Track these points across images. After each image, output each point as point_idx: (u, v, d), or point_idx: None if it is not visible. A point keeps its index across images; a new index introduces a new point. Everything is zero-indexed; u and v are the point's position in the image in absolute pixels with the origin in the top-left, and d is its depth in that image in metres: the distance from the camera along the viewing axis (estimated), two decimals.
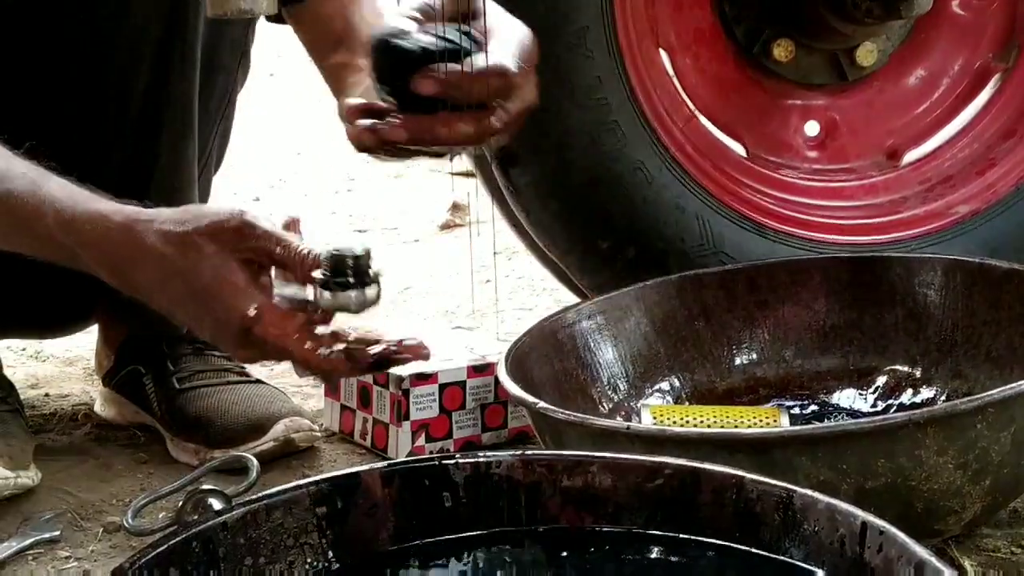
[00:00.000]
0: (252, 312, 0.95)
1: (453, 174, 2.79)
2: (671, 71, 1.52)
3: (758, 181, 1.54)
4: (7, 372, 1.42)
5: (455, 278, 2.05)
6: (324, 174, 2.74)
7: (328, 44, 1.27)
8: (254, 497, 0.81)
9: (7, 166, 1.01)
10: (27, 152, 1.04)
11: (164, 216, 0.98)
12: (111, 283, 1.03)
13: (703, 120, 1.54)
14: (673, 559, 0.80)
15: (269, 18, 1.27)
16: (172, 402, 1.36)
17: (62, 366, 1.67)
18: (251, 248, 0.96)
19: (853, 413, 1.30)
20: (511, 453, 0.85)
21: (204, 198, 1.40)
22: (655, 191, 1.43)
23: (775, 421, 1.22)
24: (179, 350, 1.40)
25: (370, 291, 0.97)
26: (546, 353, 1.26)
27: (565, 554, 0.81)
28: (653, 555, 0.80)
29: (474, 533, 0.83)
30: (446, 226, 2.34)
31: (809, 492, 0.76)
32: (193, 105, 1.29)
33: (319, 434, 1.35)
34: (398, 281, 1.97)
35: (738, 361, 1.35)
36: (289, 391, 1.44)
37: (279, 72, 3.36)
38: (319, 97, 1.46)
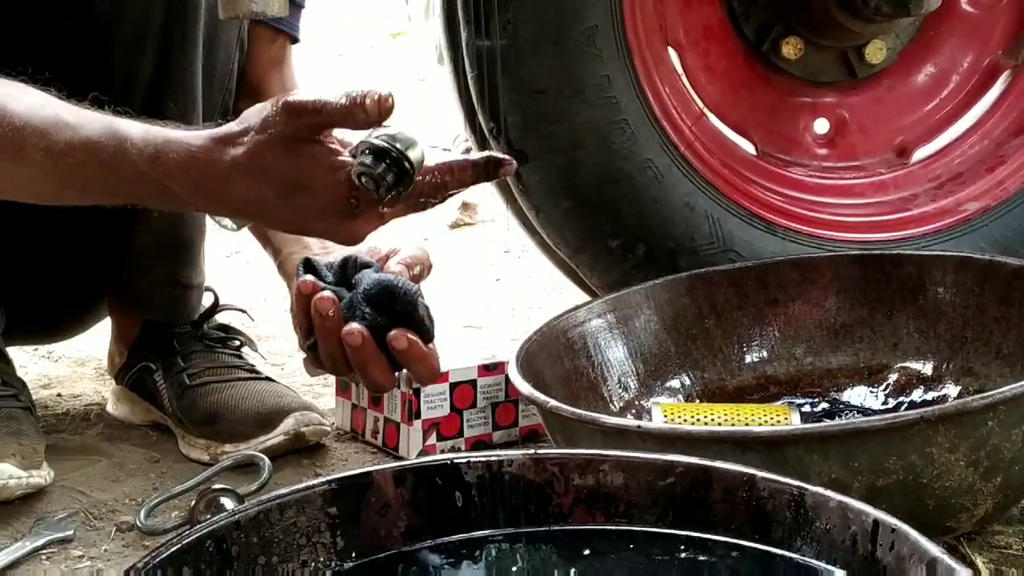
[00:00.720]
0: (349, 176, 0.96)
1: None
2: (680, 69, 1.52)
3: (768, 179, 1.54)
4: (19, 372, 1.42)
5: (465, 277, 2.05)
6: None
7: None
8: (266, 496, 0.81)
9: (78, 116, 1.02)
10: (92, 102, 1.05)
11: (236, 129, 0.98)
12: (207, 208, 1.04)
13: (712, 118, 1.54)
14: (686, 557, 0.80)
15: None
16: (183, 398, 1.37)
17: (74, 366, 1.67)
18: (306, 125, 0.96)
19: (864, 411, 1.29)
20: (523, 452, 0.84)
21: None
22: (665, 189, 1.43)
23: (786, 419, 1.22)
24: (190, 347, 1.41)
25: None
26: (557, 352, 1.26)
27: (587, 552, 0.81)
28: (666, 553, 0.80)
29: (486, 532, 0.83)
30: (456, 225, 2.35)
31: (821, 490, 0.76)
32: (197, 87, 1.30)
33: (329, 428, 1.35)
34: None
35: (748, 359, 1.35)
36: (300, 391, 1.44)
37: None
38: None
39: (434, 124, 3.10)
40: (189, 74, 1.29)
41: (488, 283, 2.02)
